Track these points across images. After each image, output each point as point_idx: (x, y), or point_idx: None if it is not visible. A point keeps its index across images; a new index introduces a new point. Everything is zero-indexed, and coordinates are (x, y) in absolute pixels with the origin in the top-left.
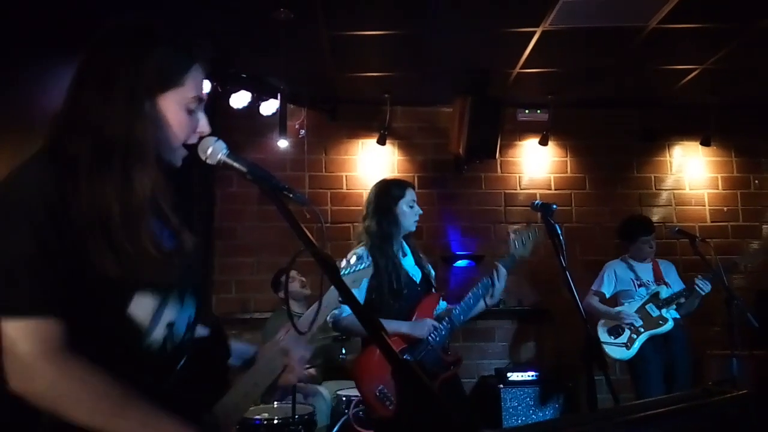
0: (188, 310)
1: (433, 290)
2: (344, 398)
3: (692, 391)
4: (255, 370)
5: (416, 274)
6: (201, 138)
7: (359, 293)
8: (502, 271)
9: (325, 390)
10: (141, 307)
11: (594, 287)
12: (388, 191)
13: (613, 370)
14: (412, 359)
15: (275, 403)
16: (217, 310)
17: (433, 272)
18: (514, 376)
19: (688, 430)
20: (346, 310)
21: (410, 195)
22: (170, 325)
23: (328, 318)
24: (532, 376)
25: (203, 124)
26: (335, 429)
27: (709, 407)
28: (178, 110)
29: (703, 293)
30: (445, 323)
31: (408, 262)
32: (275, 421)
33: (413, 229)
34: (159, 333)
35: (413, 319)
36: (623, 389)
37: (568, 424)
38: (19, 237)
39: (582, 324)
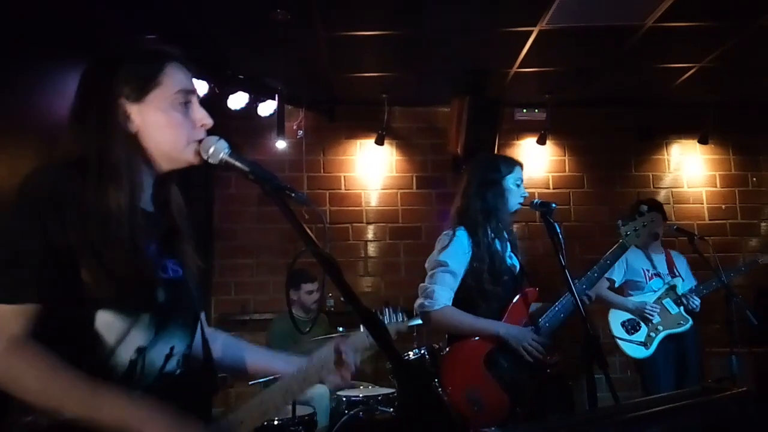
0: (173, 341)
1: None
2: (344, 399)
3: (692, 389)
4: (248, 407)
5: (516, 264)
6: (206, 130)
7: (455, 279)
8: (591, 293)
9: (325, 391)
10: (107, 325)
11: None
12: (495, 165)
13: (614, 368)
14: (505, 361)
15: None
16: (216, 311)
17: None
18: None
19: (687, 428)
20: (438, 302)
21: (518, 173)
22: (140, 350)
23: (416, 307)
24: None
25: (202, 117)
26: (335, 429)
27: (708, 405)
28: (167, 110)
29: (695, 308)
30: (542, 322)
31: (507, 250)
32: (275, 422)
33: (512, 210)
34: (125, 355)
35: (507, 313)
36: (623, 388)
37: (568, 423)
38: (27, 229)
39: (581, 322)
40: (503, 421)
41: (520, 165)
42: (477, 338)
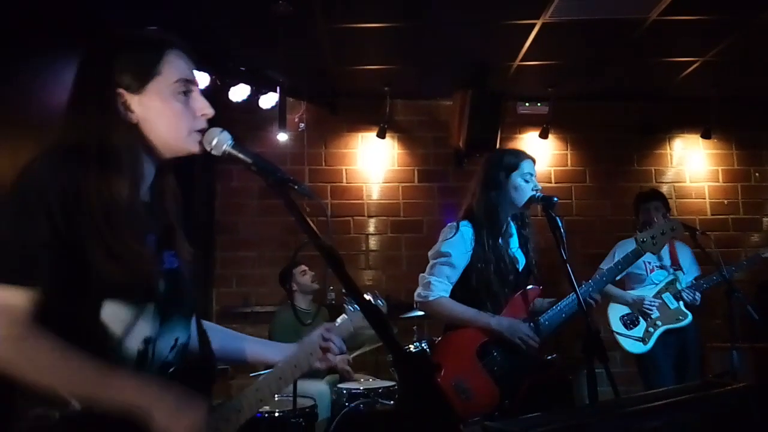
0: (176, 333)
1: (533, 281)
2: (344, 391)
3: (693, 384)
4: (244, 396)
5: (520, 260)
6: (207, 121)
7: (455, 272)
8: (597, 296)
9: (326, 383)
10: (113, 315)
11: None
12: (500, 164)
13: (615, 362)
14: (499, 353)
15: (275, 396)
16: (218, 304)
17: (533, 260)
18: None
19: (688, 422)
20: (434, 293)
21: (527, 167)
22: (147, 341)
23: (415, 297)
24: None
25: (202, 106)
26: (335, 421)
27: (709, 400)
28: (167, 99)
29: (695, 303)
30: (542, 321)
31: (512, 244)
32: (276, 414)
33: (520, 205)
34: (133, 346)
35: (504, 309)
36: (624, 382)
37: (569, 417)
38: (31, 221)
39: (582, 316)
40: (491, 413)
41: (531, 159)
42: (472, 329)
